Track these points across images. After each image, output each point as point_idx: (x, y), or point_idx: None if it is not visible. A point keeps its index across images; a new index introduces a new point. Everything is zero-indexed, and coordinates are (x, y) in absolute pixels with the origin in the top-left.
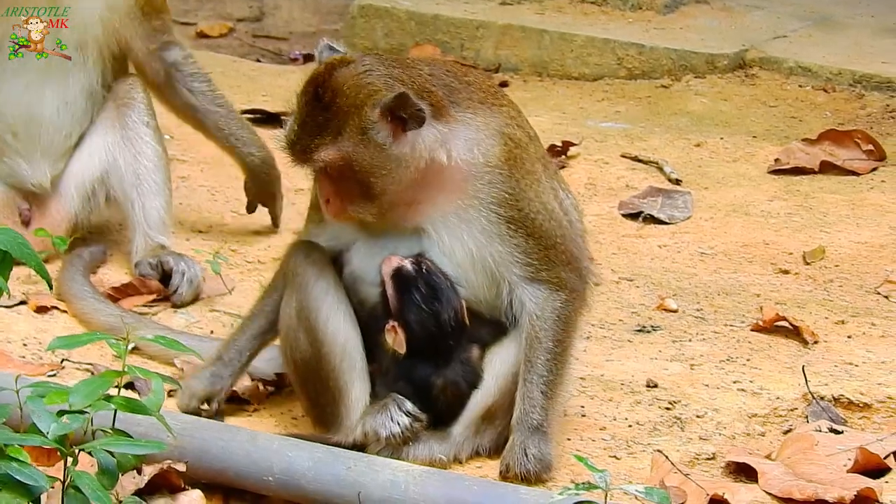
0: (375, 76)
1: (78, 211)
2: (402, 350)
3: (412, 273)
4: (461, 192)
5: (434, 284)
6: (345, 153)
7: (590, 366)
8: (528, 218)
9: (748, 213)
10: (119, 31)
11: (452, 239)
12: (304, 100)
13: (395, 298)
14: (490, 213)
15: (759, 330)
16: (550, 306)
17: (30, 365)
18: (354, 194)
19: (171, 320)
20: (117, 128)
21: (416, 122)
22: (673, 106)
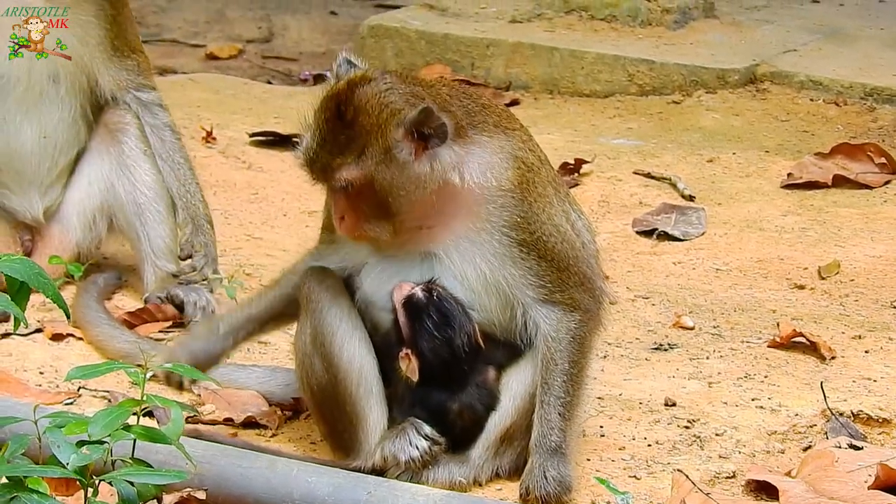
0: (398, 94)
1: (80, 240)
2: (416, 378)
3: (423, 300)
4: (473, 216)
5: (446, 311)
6: (368, 172)
7: (608, 385)
8: (540, 241)
9: (762, 228)
10: (88, 64)
11: (464, 262)
12: (324, 117)
13: (407, 326)
14: (502, 236)
15: (776, 346)
16: (565, 327)
17: (46, 393)
18: (371, 213)
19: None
20: (113, 154)
21: (438, 138)
22: (684, 122)
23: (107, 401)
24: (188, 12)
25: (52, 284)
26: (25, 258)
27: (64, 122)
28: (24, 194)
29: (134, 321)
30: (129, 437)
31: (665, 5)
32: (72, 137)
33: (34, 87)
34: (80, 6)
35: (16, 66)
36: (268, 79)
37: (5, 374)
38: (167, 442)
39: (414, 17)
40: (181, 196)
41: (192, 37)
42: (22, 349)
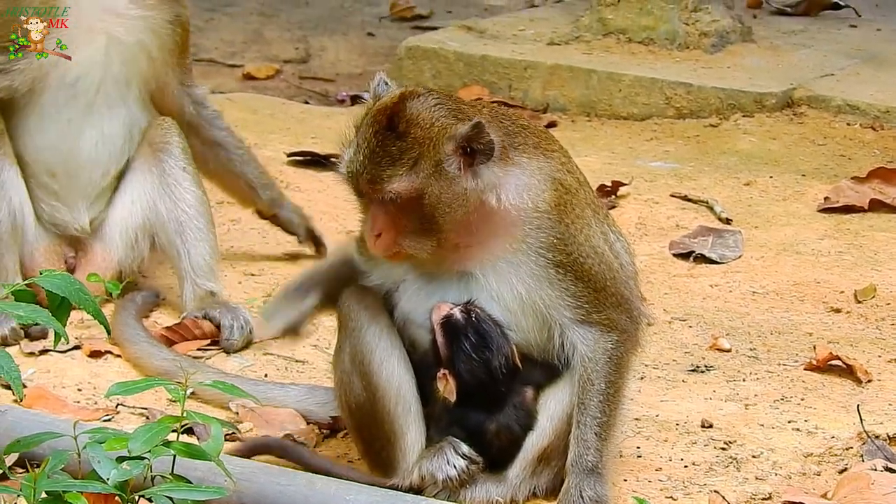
0: (448, 109)
1: (122, 258)
2: (453, 398)
3: (462, 321)
4: (510, 237)
5: (484, 332)
6: (418, 184)
7: (644, 406)
8: (577, 262)
9: (799, 251)
10: (160, 68)
11: (501, 283)
12: (373, 129)
13: (445, 347)
14: (538, 257)
15: (812, 369)
16: (602, 348)
17: (85, 410)
18: (412, 229)
19: (224, 364)
20: (155, 174)
21: (485, 155)
22: (722, 145)
23: (145, 418)
24: (225, 32)
25: (92, 300)
26: (66, 273)
27: (125, 126)
28: (73, 204)
29: (172, 338)
30: (170, 453)
31: (703, 29)
32: (125, 146)
33: (107, 90)
34: (162, 9)
35: (94, 68)
36: (305, 99)
37: (44, 391)
38: (207, 458)
39: (452, 38)
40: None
41: (230, 57)
42: (60, 366)
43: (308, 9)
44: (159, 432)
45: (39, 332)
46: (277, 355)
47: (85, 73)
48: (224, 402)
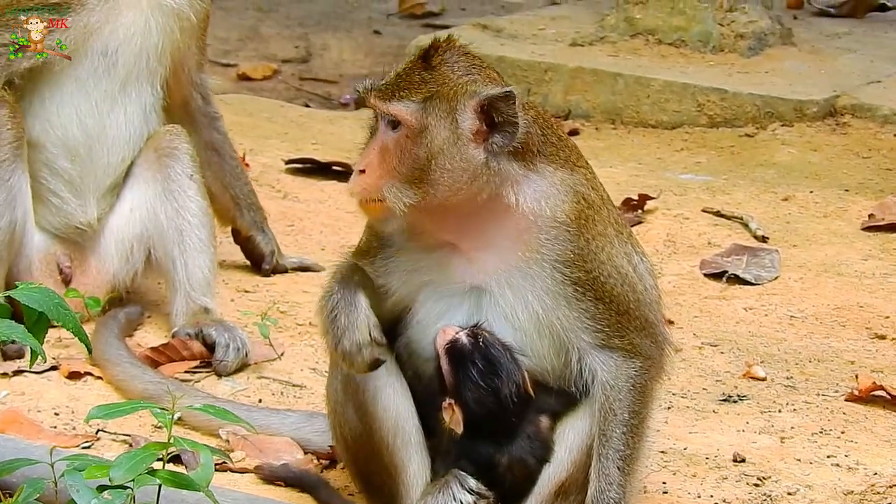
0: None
1: (117, 271)
2: (460, 429)
3: (468, 346)
4: (525, 245)
5: (492, 358)
6: (422, 120)
7: (672, 438)
8: (597, 281)
9: (840, 272)
10: (187, 41)
11: (516, 299)
12: (409, 60)
13: (450, 374)
14: (555, 271)
15: (854, 400)
16: (625, 375)
17: (62, 435)
18: (399, 175)
19: (215, 388)
20: (159, 180)
21: (502, 133)
22: (758, 156)
23: (128, 445)
24: (220, 29)
25: (73, 317)
26: (45, 287)
27: (142, 111)
28: (86, 194)
29: (158, 359)
30: (155, 482)
31: (739, 30)
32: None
33: (141, 64)
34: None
35: (135, 37)
36: (305, 102)
37: (18, 415)
38: (195, 489)
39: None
40: (244, 196)
41: (224, 55)
42: (36, 388)
43: (309, 4)
44: (144, 460)
45: (15, 352)
46: (273, 379)
47: (126, 41)
48: (214, 428)
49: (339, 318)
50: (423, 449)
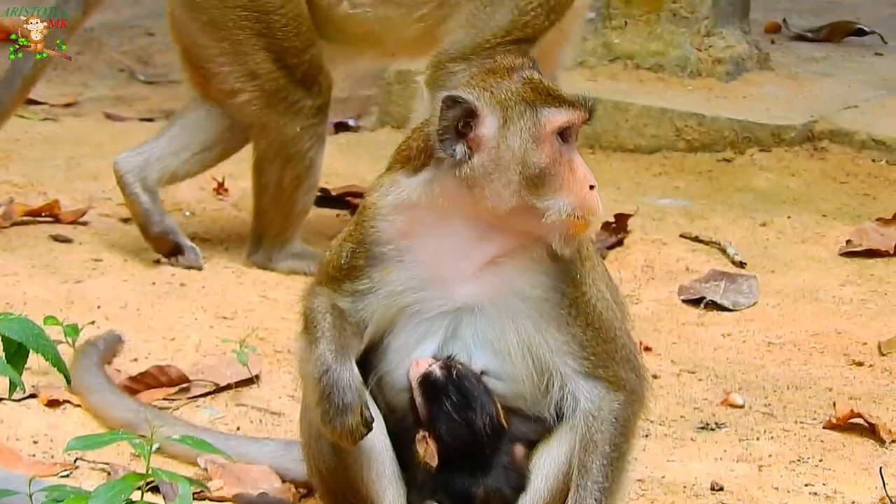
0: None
1: None
2: (434, 462)
3: (442, 379)
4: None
5: (466, 391)
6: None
7: (649, 467)
8: (589, 304)
9: (818, 298)
10: None
11: (504, 321)
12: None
13: (424, 407)
14: (552, 292)
15: (832, 427)
16: (608, 407)
17: (40, 464)
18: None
19: (193, 415)
20: None
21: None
22: (736, 181)
23: (106, 474)
24: None
25: (52, 346)
26: (24, 317)
27: None
28: None
29: (136, 387)
30: None
31: (717, 55)
32: None
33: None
34: None
35: None
36: None
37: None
38: None
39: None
40: None
41: None
42: (14, 416)
43: None
44: (122, 490)
45: None
46: (251, 406)
47: None
48: (192, 457)
49: (333, 398)
50: (398, 480)
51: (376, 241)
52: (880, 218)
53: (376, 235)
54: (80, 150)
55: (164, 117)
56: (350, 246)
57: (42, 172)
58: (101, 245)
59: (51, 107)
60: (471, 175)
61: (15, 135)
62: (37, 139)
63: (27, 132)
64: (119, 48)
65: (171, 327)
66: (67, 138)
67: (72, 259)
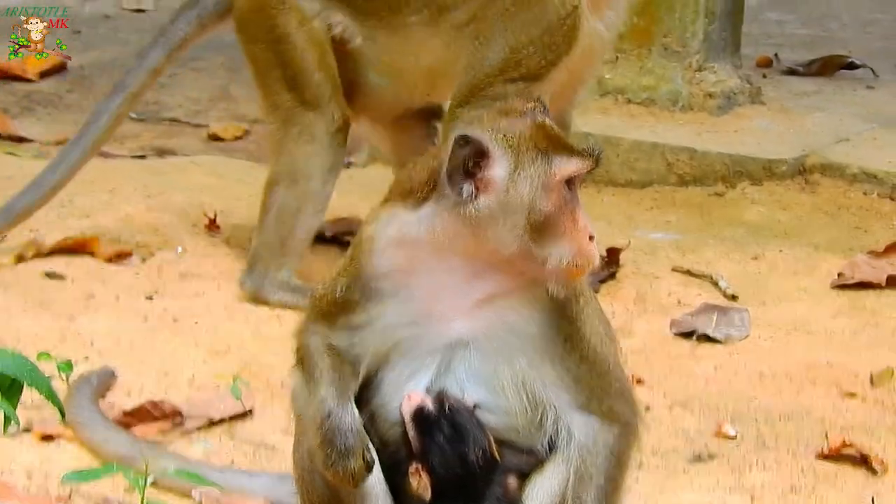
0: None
1: None
2: (428, 495)
3: (434, 413)
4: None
5: (458, 425)
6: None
7: (642, 498)
8: (583, 339)
9: (810, 331)
10: None
11: (499, 356)
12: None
13: (417, 441)
14: (549, 328)
15: (824, 458)
16: (603, 440)
17: (35, 498)
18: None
19: (187, 449)
20: None
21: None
22: (727, 215)
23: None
24: (190, 89)
25: (46, 381)
26: (17, 353)
27: None
28: None
29: (130, 422)
30: None
31: (708, 89)
32: None
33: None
34: None
35: None
36: None
37: None
38: None
39: None
40: None
41: (194, 116)
42: (8, 450)
43: None
44: None
45: None
46: (245, 441)
47: None
48: (187, 490)
49: (336, 442)
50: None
51: (373, 275)
52: (872, 251)
53: (373, 269)
54: (72, 188)
55: (156, 154)
56: (345, 280)
57: None
58: (94, 281)
59: (42, 145)
60: (475, 215)
61: (6, 172)
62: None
63: (20, 169)
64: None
65: (165, 362)
66: None
67: (65, 296)
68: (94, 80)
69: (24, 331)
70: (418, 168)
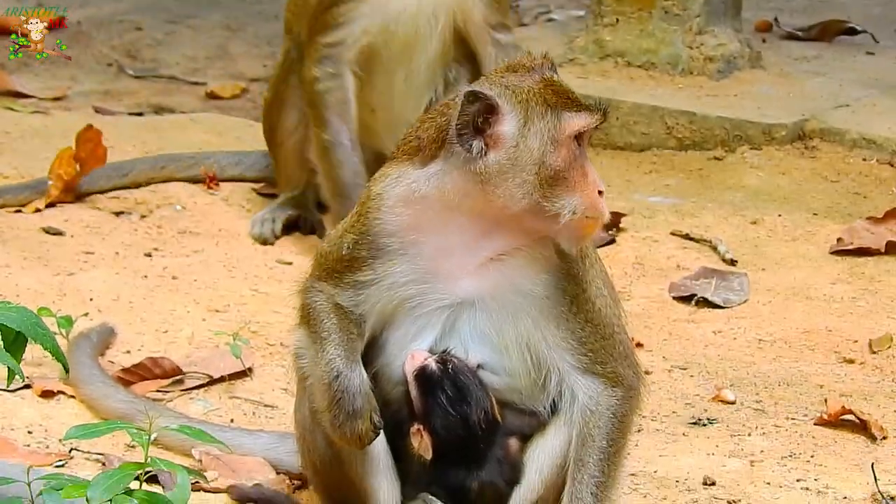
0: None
1: None
2: (429, 455)
3: (437, 373)
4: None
5: (461, 385)
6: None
7: (642, 461)
8: (589, 300)
9: (809, 296)
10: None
11: (503, 316)
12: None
13: (419, 401)
14: (554, 288)
15: (823, 424)
16: (606, 403)
17: (36, 454)
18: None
19: (186, 407)
20: None
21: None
22: (727, 180)
23: (101, 464)
24: (187, 47)
25: (50, 336)
26: (23, 307)
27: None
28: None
29: (129, 379)
30: (132, 502)
31: (708, 53)
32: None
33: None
34: None
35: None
36: None
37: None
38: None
39: None
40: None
41: (192, 74)
42: (9, 406)
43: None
44: (121, 480)
45: None
46: (244, 399)
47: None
48: (187, 448)
49: (343, 404)
50: (392, 474)
51: (381, 232)
52: (871, 217)
53: (381, 227)
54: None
55: (153, 111)
56: (352, 237)
57: (33, 164)
58: (93, 237)
59: (39, 100)
60: (485, 171)
61: (5, 127)
62: (27, 132)
63: (17, 125)
64: (108, 42)
65: (164, 320)
66: (57, 131)
67: (64, 251)
68: (92, 36)
69: (24, 286)
70: (426, 126)
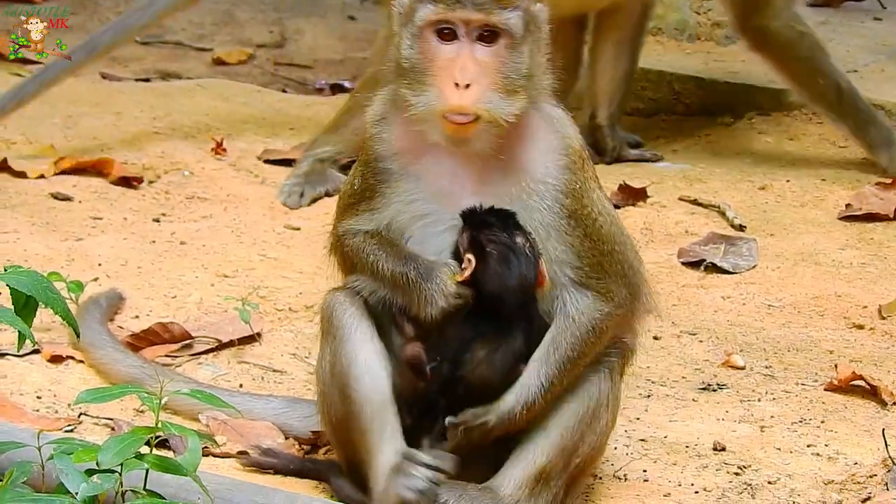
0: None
1: None
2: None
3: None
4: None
5: (523, 240)
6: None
7: (652, 426)
8: (589, 216)
9: (818, 262)
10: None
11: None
12: None
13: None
14: (556, 203)
15: (833, 389)
16: (588, 314)
17: (45, 419)
18: (499, 85)
19: (195, 372)
20: None
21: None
22: (735, 145)
23: (110, 429)
24: (193, 13)
25: (61, 300)
26: (33, 271)
27: None
28: None
29: (138, 344)
30: (143, 466)
31: (716, 18)
32: None
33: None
34: None
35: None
36: (281, 87)
37: (0, 398)
38: (183, 473)
39: None
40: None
41: (198, 40)
42: (18, 371)
43: None
44: (132, 444)
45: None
46: (253, 364)
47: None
48: (195, 413)
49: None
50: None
51: (379, 156)
52: (880, 182)
53: (377, 151)
54: (78, 109)
55: (160, 77)
56: (360, 169)
57: (40, 131)
58: (101, 203)
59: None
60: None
61: None
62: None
63: None
64: (114, 9)
65: (173, 285)
66: (64, 97)
67: (72, 217)
68: (98, 2)
69: (32, 251)
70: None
